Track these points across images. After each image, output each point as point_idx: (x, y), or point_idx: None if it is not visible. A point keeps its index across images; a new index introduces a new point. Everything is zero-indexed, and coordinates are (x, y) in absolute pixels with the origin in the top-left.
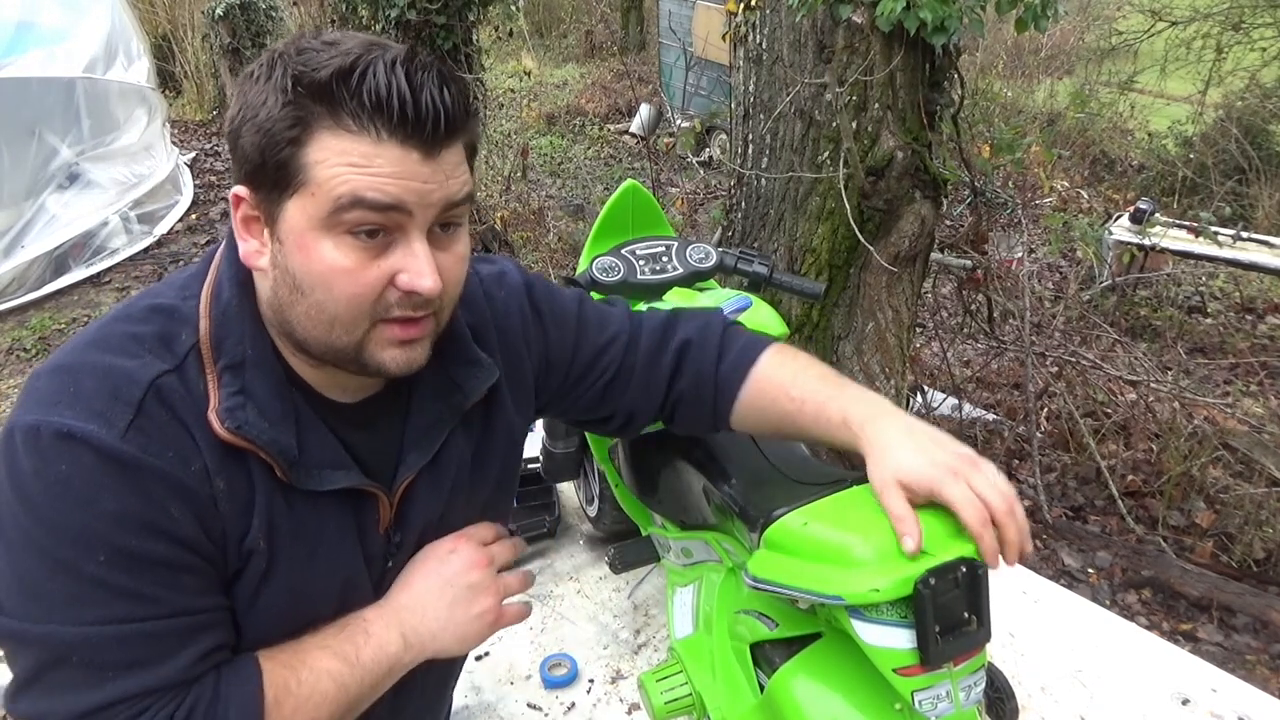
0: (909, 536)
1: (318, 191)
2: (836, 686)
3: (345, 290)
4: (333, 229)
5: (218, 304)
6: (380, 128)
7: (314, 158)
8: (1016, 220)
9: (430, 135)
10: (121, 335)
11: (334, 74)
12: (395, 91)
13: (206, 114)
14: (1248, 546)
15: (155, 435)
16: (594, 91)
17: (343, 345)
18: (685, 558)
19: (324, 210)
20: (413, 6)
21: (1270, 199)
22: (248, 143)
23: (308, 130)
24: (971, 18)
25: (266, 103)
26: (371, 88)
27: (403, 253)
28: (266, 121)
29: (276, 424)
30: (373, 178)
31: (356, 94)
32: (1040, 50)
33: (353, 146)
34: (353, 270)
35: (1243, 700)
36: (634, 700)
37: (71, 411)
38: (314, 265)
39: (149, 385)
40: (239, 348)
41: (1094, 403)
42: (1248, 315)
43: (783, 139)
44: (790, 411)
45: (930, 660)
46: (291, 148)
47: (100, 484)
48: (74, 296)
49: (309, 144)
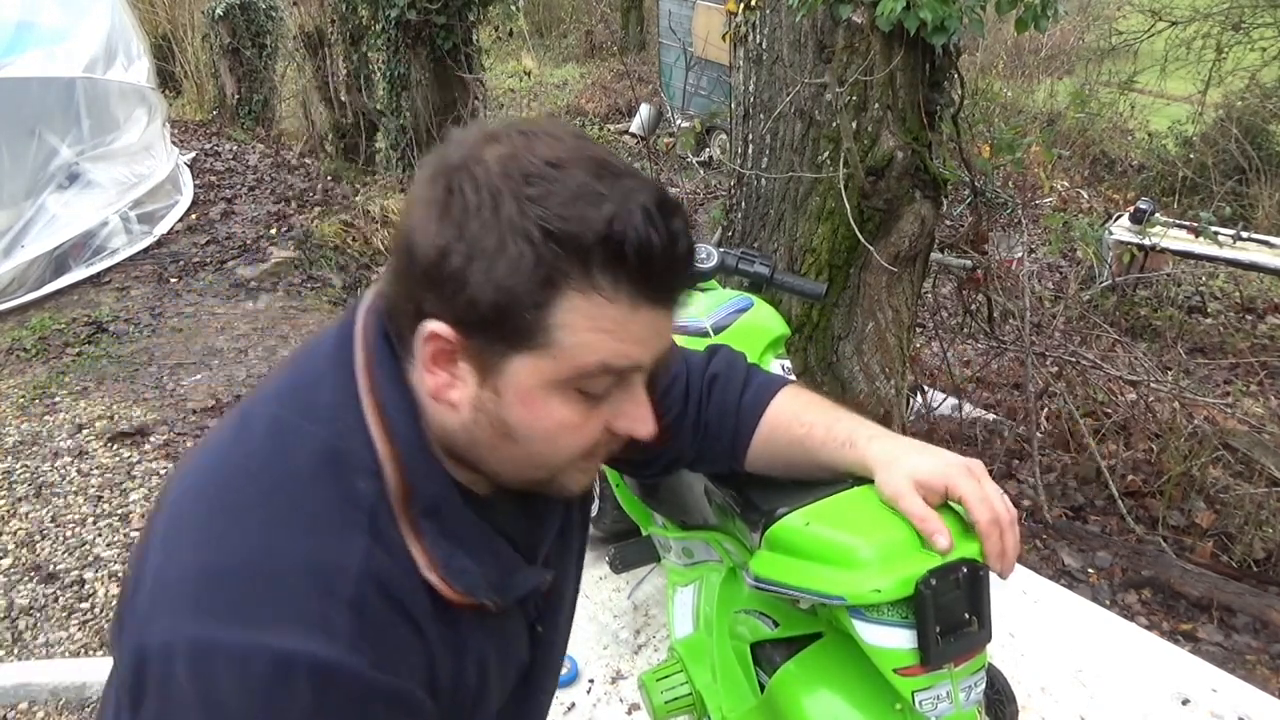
0: (939, 534)
1: (560, 356)
2: (837, 687)
3: (569, 444)
4: (565, 387)
5: (401, 443)
6: (638, 294)
7: (560, 320)
8: (1016, 220)
9: (680, 295)
10: (295, 503)
11: (597, 238)
12: (657, 254)
13: (206, 114)
14: (1248, 546)
15: (382, 637)
16: (594, 91)
17: (538, 480)
18: (686, 558)
19: (563, 374)
20: (413, 6)
21: (1270, 199)
22: (479, 295)
23: (556, 290)
24: (971, 18)
25: (506, 251)
26: (634, 252)
27: (624, 400)
28: (509, 278)
29: (487, 561)
30: (622, 344)
31: (619, 259)
32: (1040, 50)
33: (605, 312)
34: (580, 425)
35: (1243, 700)
36: (634, 700)
37: (284, 626)
38: (540, 421)
39: (360, 573)
40: (435, 490)
41: (1094, 403)
42: (1248, 315)
43: (783, 139)
44: (800, 436)
45: (931, 661)
46: (536, 310)
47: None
48: (74, 296)
49: (556, 305)
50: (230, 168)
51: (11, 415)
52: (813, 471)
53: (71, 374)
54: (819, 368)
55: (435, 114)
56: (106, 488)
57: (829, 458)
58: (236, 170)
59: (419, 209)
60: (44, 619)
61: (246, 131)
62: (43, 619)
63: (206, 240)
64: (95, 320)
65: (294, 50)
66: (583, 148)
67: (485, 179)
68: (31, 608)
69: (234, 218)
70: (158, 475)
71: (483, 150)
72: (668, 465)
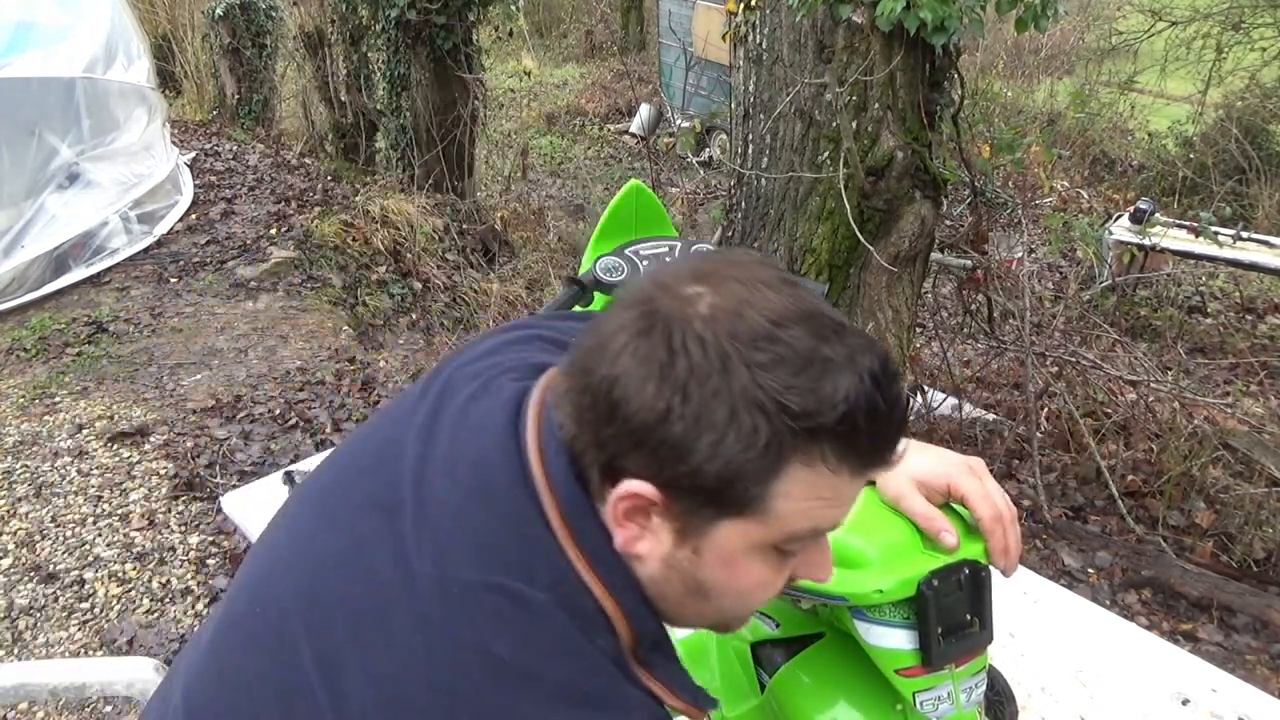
0: (945, 533)
1: (772, 522)
2: (838, 687)
3: (760, 600)
4: (767, 549)
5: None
6: (859, 468)
7: (780, 490)
8: (1016, 220)
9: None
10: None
11: (836, 416)
12: (885, 425)
13: (206, 114)
14: (1248, 546)
15: None
16: (594, 91)
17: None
18: None
19: (773, 538)
20: (413, 6)
21: (1270, 199)
22: (704, 465)
23: (782, 462)
24: (971, 18)
25: (738, 423)
26: (866, 425)
27: (813, 553)
28: (738, 452)
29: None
30: (835, 510)
31: (854, 434)
32: (1040, 50)
33: (828, 482)
34: (774, 583)
35: (1243, 700)
36: None
37: None
38: (740, 583)
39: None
40: (652, 629)
41: (1094, 403)
42: (1248, 315)
43: (783, 139)
44: None
45: (932, 661)
46: (756, 483)
47: None
48: (74, 296)
49: (779, 477)
50: (230, 168)
51: (11, 415)
52: None
53: (71, 374)
54: None
55: (435, 114)
56: (106, 488)
57: None
58: (236, 170)
59: (628, 360)
60: (44, 619)
61: (246, 131)
62: (43, 619)
63: (206, 240)
64: (95, 320)
65: (294, 50)
66: (798, 298)
67: (713, 341)
68: (31, 608)
69: (234, 218)
70: (157, 475)
71: (698, 300)
72: None
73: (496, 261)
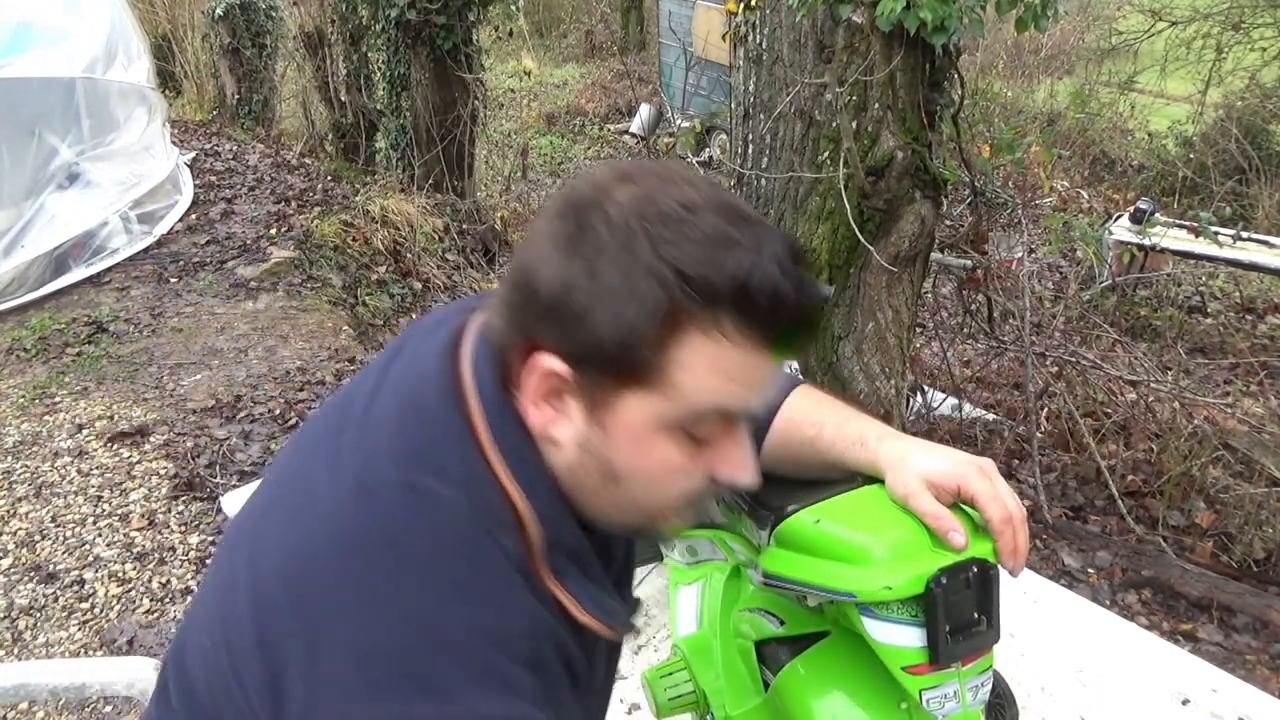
0: (954, 532)
1: (675, 397)
2: (843, 685)
3: (672, 487)
4: (675, 428)
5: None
6: (763, 342)
7: (679, 360)
8: (1016, 220)
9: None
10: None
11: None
12: (787, 304)
13: (206, 114)
14: (1248, 546)
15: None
16: (594, 91)
17: (635, 525)
18: (690, 556)
19: (676, 414)
20: (413, 6)
21: (1270, 199)
22: (602, 330)
23: (680, 330)
24: (971, 18)
25: (636, 290)
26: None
27: (728, 446)
28: (636, 317)
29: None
30: (738, 387)
31: (749, 305)
32: (1040, 50)
33: (728, 356)
34: (684, 469)
35: (1243, 700)
36: (634, 700)
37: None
38: (647, 463)
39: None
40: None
41: (1094, 403)
42: (1248, 315)
43: (783, 139)
44: (811, 437)
45: (939, 659)
46: (652, 349)
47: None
48: (74, 296)
49: (677, 345)
50: (230, 168)
51: (11, 415)
52: (822, 471)
53: (71, 374)
54: (819, 368)
55: (435, 114)
56: (106, 488)
57: (839, 457)
58: (236, 170)
59: (544, 243)
60: (44, 619)
61: (246, 131)
62: (43, 619)
63: (206, 240)
64: (95, 320)
65: (294, 50)
66: (717, 194)
67: (619, 217)
68: (31, 608)
69: (234, 218)
70: (157, 475)
71: (616, 189)
72: None
73: (496, 261)
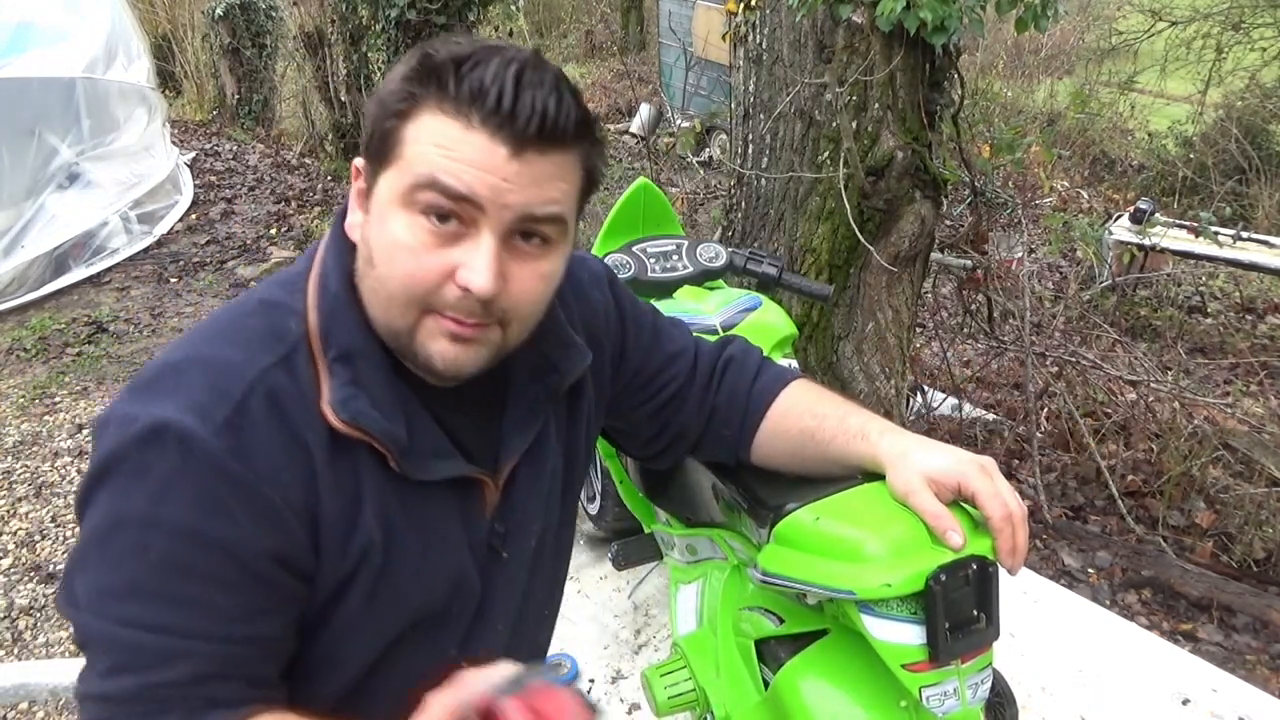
0: (952, 531)
1: (404, 167)
2: (842, 683)
3: (403, 267)
4: (409, 206)
5: (325, 295)
6: (473, 115)
7: (411, 134)
8: (1016, 220)
9: (521, 134)
10: (231, 329)
11: (450, 59)
12: (497, 84)
13: (206, 114)
14: (1248, 546)
15: (251, 434)
16: (594, 91)
17: (398, 328)
18: (690, 555)
19: (404, 185)
20: (413, 6)
21: (1270, 199)
22: (369, 114)
23: (414, 106)
24: (971, 18)
25: (391, 78)
26: (478, 76)
27: (469, 247)
28: (386, 96)
29: (389, 414)
30: (453, 163)
31: (461, 79)
32: (1040, 50)
33: (444, 129)
34: (415, 250)
35: (1243, 700)
36: (634, 700)
37: (171, 402)
38: (384, 237)
39: (254, 381)
40: (348, 338)
41: (1094, 403)
42: (1248, 315)
43: (783, 139)
44: (811, 428)
45: (939, 656)
46: (396, 120)
47: (174, 481)
48: (74, 296)
49: (411, 120)
50: (230, 168)
51: (11, 415)
52: (821, 465)
53: (71, 374)
54: (819, 368)
55: None
56: None
57: (840, 451)
58: (236, 170)
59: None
60: (44, 619)
61: (246, 131)
62: (43, 619)
63: (206, 240)
64: (95, 320)
65: (294, 50)
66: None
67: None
68: (31, 608)
69: (234, 218)
70: None
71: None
72: (672, 442)
73: None
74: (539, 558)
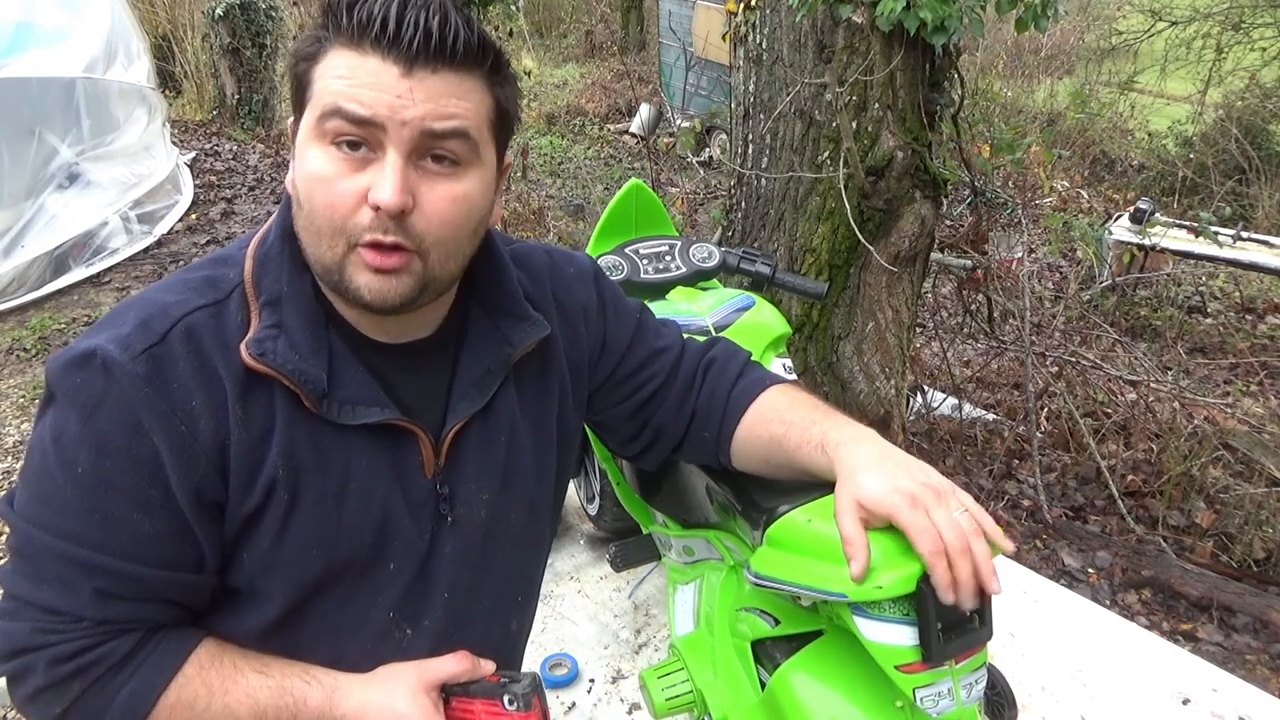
0: (856, 561)
1: (314, 104)
2: (838, 684)
3: (323, 199)
4: (321, 138)
5: (262, 246)
6: (365, 42)
7: (318, 73)
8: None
9: (408, 51)
10: (180, 280)
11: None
12: (383, 9)
13: (206, 114)
14: (1248, 546)
15: (168, 364)
16: (594, 91)
17: (328, 264)
18: (686, 556)
19: (314, 119)
20: None
21: (1270, 199)
22: (295, 76)
23: (319, 49)
24: (971, 18)
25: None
26: (367, 7)
27: (377, 168)
28: (297, 46)
29: (307, 356)
30: (352, 88)
31: (353, 12)
32: (1040, 50)
33: (343, 60)
34: (330, 179)
35: (1243, 700)
36: (634, 700)
37: (105, 335)
38: (303, 173)
39: (179, 319)
40: (276, 285)
41: (1094, 403)
42: (1248, 315)
43: (783, 139)
44: (778, 435)
45: (932, 657)
46: (306, 63)
47: (99, 402)
48: (74, 296)
49: (319, 61)
50: (230, 168)
51: (11, 415)
52: (790, 473)
53: None
54: (819, 368)
55: None
56: None
57: (803, 460)
58: (236, 170)
59: None
60: None
61: (246, 131)
62: None
63: (206, 240)
64: (95, 320)
65: None
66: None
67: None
68: None
69: (234, 218)
70: None
71: None
72: (653, 441)
73: None
74: (497, 533)
